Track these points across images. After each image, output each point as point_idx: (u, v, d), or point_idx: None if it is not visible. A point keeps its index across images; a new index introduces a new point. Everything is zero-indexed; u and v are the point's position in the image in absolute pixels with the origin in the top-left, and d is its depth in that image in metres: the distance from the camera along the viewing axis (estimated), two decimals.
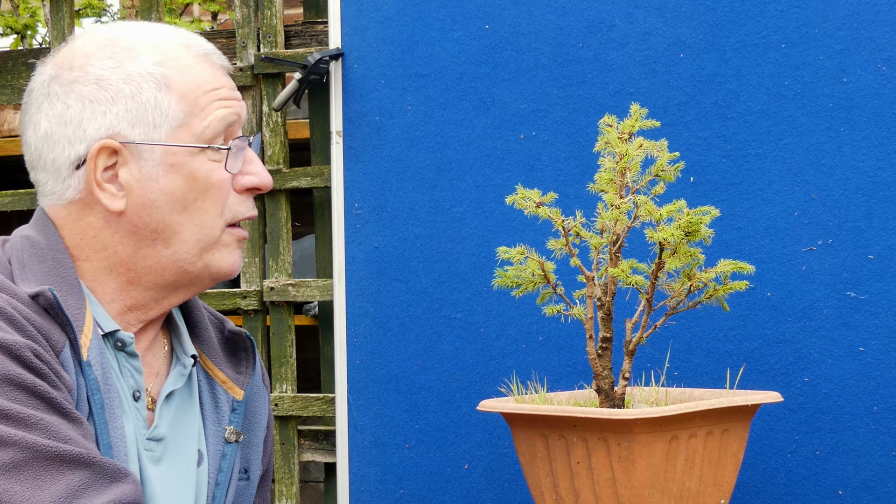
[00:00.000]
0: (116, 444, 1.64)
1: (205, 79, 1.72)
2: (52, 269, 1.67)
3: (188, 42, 1.74)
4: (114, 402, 1.66)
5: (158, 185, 1.69)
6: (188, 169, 1.70)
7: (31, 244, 1.70)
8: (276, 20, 2.98)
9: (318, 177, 2.91)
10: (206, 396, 1.82)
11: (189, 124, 1.70)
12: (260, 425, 1.88)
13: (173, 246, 1.71)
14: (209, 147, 1.70)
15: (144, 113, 1.69)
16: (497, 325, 2.58)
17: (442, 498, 2.61)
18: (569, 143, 2.54)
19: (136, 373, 1.72)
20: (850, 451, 2.36)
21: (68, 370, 1.60)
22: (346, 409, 2.70)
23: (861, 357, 2.36)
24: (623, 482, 1.89)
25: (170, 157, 1.69)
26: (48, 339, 1.59)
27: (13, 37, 4.80)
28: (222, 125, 1.71)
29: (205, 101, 1.71)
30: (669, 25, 2.48)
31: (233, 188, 1.73)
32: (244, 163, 1.74)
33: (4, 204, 3.22)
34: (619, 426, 1.87)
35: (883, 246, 2.35)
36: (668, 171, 1.99)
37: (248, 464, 1.85)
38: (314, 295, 2.90)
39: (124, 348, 1.71)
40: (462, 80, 2.62)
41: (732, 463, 2.01)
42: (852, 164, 2.37)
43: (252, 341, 1.89)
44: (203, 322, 1.86)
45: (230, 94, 1.74)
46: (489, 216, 2.58)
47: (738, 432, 2.01)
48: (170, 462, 1.75)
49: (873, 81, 2.37)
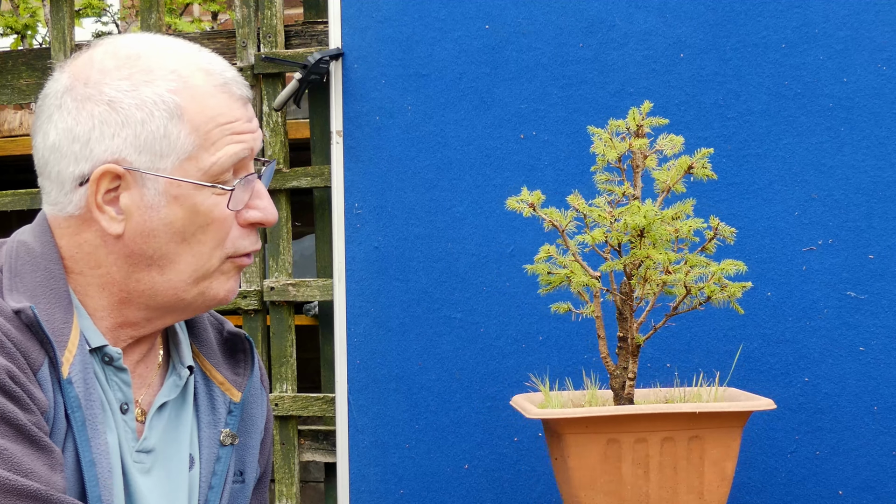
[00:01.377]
0: (99, 461, 1.63)
1: (220, 111, 1.68)
2: (44, 279, 1.66)
3: (209, 68, 1.69)
4: (97, 417, 1.64)
5: (159, 214, 1.67)
6: (191, 202, 1.67)
7: (26, 251, 1.69)
8: (277, 20, 2.98)
9: (318, 177, 2.90)
10: (202, 398, 1.81)
11: (197, 157, 1.67)
12: (257, 428, 1.87)
13: (168, 274, 1.69)
14: (213, 186, 1.68)
15: (153, 142, 1.66)
16: (497, 325, 2.58)
17: (442, 498, 2.61)
18: (569, 143, 2.54)
19: (125, 385, 1.71)
20: (850, 451, 2.36)
21: (45, 389, 1.59)
22: (346, 409, 2.70)
23: (861, 357, 2.36)
24: (563, 481, 1.98)
25: (174, 189, 1.66)
26: (27, 356, 1.58)
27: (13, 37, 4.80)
28: (231, 161, 1.68)
29: (216, 135, 1.67)
30: (669, 25, 2.48)
31: (237, 222, 1.70)
32: (251, 196, 1.70)
33: (4, 204, 3.22)
34: (552, 426, 1.97)
35: (883, 246, 2.35)
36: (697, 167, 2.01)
37: (243, 466, 1.84)
38: (314, 295, 2.90)
39: (112, 363, 1.71)
40: (462, 80, 2.62)
41: (715, 472, 1.94)
42: (852, 164, 2.37)
43: (251, 342, 1.88)
44: (202, 323, 1.86)
45: (244, 128, 1.69)
46: (489, 216, 2.58)
47: (719, 439, 1.94)
48: (160, 471, 1.74)
49: (873, 81, 2.37)
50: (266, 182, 1.75)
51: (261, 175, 1.73)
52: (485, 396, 2.58)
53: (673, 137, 2.02)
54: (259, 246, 1.74)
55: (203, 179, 1.66)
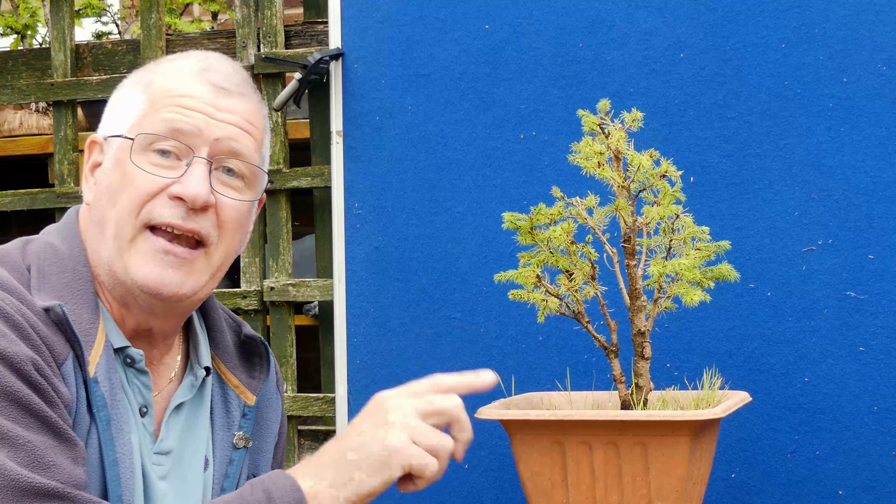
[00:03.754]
0: (123, 461, 1.63)
1: (179, 86, 1.71)
2: (71, 281, 1.67)
3: (203, 62, 1.74)
4: (122, 417, 1.65)
5: (106, 177, 1.72)
6: (124, 164, 1.69)
7: (53, 252, 1.69)
8: (277, 20, 2.98)
9: (318, 177, 2.91)
10: (217, 401, 1.81)
11: (141, 123, 1.70)
12: (271, 431, 1.87)
13: (105, 242, 1.69)
14: (120, 136, 1.70)
15: (119, 111, 1.74)
16: (497, 325, 2.58)
17: (442, 498, 2.61)
18: (569, 143, 2.54)
19: (145, 389, 1.72)
20: (850, 451, 2.36)
21: (68, 383, 1.59)
22: (346, 409, 2.70)
23: (861, 357, 2.36)
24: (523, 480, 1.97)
25: (119, 153, 1.71)
26: (51, 349, 1.58)
27: (13, 37, 4.80)
28: (165, 127, 1.69)
29: (163, 104, 1.70)
30: (669, 25, 2.48)
31: (166, 193, 1.68)
32: (185, 174, 1.68)
33: (4, 204, 3.22)
34: (505, 426, 1.97)
35: (883, 246, 2.35)
36: None
37: (256, 469, 1.84)
38: (314, 295, 2.90)
39: (133, 364, 1.71)
40: (462, 80, 2.62)
41: (660, 480, 1.87)
42: (852, 164, 2.37)
43: (266, 347, 1.87)
44: (219, 325, 1.85)
45: (196, 106, 1.70)
46: (489, 216, 2.58)
47: (665, 447, 1.86)
48: (178, 474, 1.74)
49: (873, 81, 2.37)
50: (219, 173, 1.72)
51: (215, 165, 1.70)
52: (485, 396, 2.58)
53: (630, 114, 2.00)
54: (179, 222, 1.68)
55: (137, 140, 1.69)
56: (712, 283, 1.94)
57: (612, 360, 1.99)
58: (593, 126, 1.99)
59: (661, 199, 1.93)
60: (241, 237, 1.76)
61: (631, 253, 1.97)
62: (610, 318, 2.01)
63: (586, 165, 1.96)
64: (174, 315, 1.74)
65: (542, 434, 1.92)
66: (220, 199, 1.70)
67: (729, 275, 1.95)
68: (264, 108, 1.80)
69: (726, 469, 2.41)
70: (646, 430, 1.87)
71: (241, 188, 1.74)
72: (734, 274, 1.96)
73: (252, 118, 1.74)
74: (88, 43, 3.23)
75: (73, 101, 3.16)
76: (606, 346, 2.00)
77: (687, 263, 1.90)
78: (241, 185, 1.74)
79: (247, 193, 1.75)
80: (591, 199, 1.98)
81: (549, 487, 1.93)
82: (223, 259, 1.73)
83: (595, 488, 1.90)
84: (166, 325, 1.75)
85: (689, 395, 2.06)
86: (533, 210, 1.99)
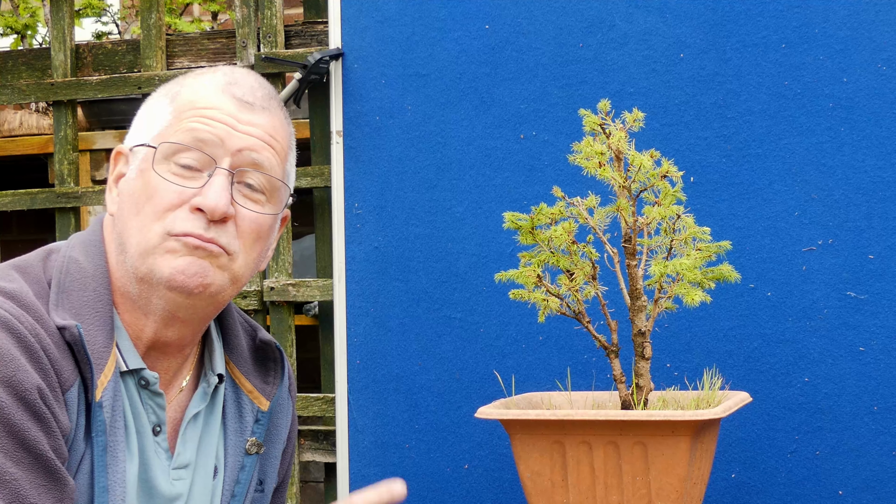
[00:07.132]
0: (113, 488, 1.62)
1: (203, 98, 1.72)
2: (91, 300, 1.66)
3: (231, 78, 1.75)
4: (118, 445, 1.64)
5: (129, 186, 1.71)
6: (147, 173, 1.69)
7: (78, 269, 1.68)
8: (276, 20, 2.98)
9: (318, 177, 2.91)
10: (230, 406, 1.80)
11: (165, 133, 1.71)
12: (280, 438, 1.86)
13: (129, 251, 1.68)
14: (143, 145, 1.70)
15: (146, 122, 1.75)
16: (497, 325, 2.58)
17: (442, 498, 2.61)
18: (569, 143, 2.54)
19: (160, 409, 1.71)
20: (850, 451, 2.36)
21: (70, 410, 1.58)
22: (346, 409, 2.70)
23: (861, 357, 2.36)
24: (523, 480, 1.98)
25: (142, 163, 1.71)
26: (59, 375, 1.57)
27: (13, 37, 4.79)
28: (188, 136, 1.69)
29: (188, 115, 1.70)
30: (669, 25, 2.48)
31: (188, 205, 1.68)
32: (206, 185, 1.68)
33: (4, 204, 3.22)
34: (505, 426, 1.97)
35: (883, 246, 2.35)
36: None
37: (264, 475, 1.83)
38: (314, 295, 2.90)
39: (148, 387, 1.70)
40: (462, 80, 2.62)
41: (660, 480, 1.88)
42: (852, 163, 2.37)
43: (281, 352, 1.87)
44: (234, 329, 1.84)
45: (219, 117, 1.70)
46: (489, 216, 2.58)
47: (665, 447, 1.87)
48: (195, 484, 1.75)
49: (873, 81, 2.37)
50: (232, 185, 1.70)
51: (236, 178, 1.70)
52: (485, 396, 2.58)
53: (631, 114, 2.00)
54: (199, 231, 1.67)
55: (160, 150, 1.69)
56: (713, 283, 1.94)
57: (612, 360, 1.99)
58: (594, 126, 1.99)
59: (662, 199, 1.93)
60: (261, 250, 1.74)
61: (632, 253, 1.97)
62: (610, 318, 2.01)
63: (587, 165, 1.96)
64: (195, 319, 1.72)
65: (542, 434, 1.92)
66: (239, 210, 1.69)
67: (730, 276, 1.95)
68: (289, 126, 1.79)
69: (726, 469, 2.41)
70: (646, 430, 1.87)
71: (263, 202, 1.73)
72: (735, 275, 1.96)
73: (275, 133, 1.74)
74: (88, 43, 3.23)
75: (73, 100, 3.16)
76: (607, 345, 2.00)
77: (688, 264, 1.90)
78: (263, 199, 1.73)
79: (268, 207, 1.73)
80: (591, 199, 1.98)
81: (550, 487, 1.93)
82: (243, 269, 1.71)
83: (595, 488, 1.90)
84: (185, 331, 1.73)
85: (690, 395, 2.06)
86: (534, 210, 1.99)
